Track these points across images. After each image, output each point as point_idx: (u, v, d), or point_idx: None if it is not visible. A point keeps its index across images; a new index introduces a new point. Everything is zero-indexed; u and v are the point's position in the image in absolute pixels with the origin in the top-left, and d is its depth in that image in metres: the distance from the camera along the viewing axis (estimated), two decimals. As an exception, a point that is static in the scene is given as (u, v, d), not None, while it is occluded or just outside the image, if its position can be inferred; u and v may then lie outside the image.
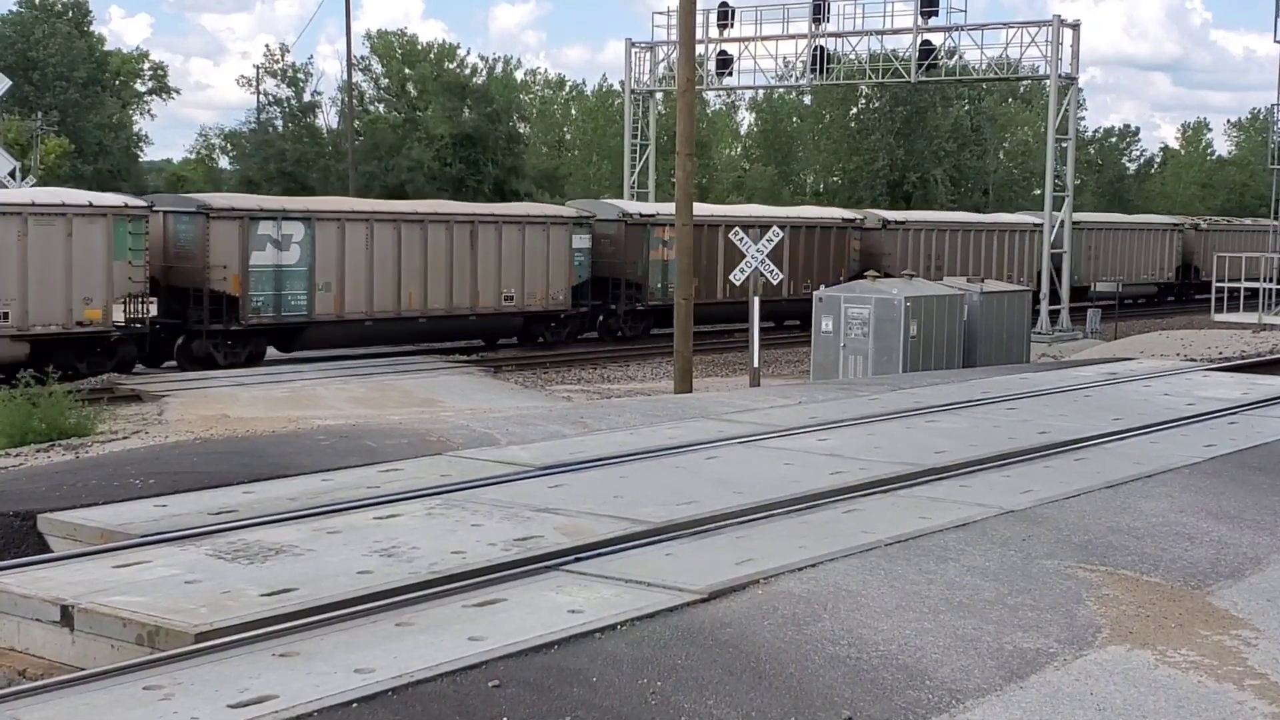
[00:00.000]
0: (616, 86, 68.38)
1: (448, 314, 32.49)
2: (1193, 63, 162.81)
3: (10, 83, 48.71)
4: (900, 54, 45.33)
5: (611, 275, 36.35)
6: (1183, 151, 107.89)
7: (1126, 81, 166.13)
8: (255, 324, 29.01)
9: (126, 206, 27.08)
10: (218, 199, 30.57)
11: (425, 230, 31.95)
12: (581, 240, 35.45)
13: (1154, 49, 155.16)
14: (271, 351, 30.22)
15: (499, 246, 33.25)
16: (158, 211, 28.55)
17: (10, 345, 25.12)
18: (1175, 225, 57.31)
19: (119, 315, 26.64)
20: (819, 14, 43.68)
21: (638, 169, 47.05)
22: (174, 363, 28.80)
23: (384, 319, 31.16)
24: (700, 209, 35.31)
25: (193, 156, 79.69)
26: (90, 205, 26.64)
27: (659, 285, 36.69)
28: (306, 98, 70.46)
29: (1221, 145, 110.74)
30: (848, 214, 43.66)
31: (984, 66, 43.39)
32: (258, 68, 70.10)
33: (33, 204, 25.93)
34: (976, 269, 40.60)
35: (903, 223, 43.79)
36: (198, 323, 28.60)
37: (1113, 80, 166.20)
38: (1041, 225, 46.65)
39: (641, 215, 37.00)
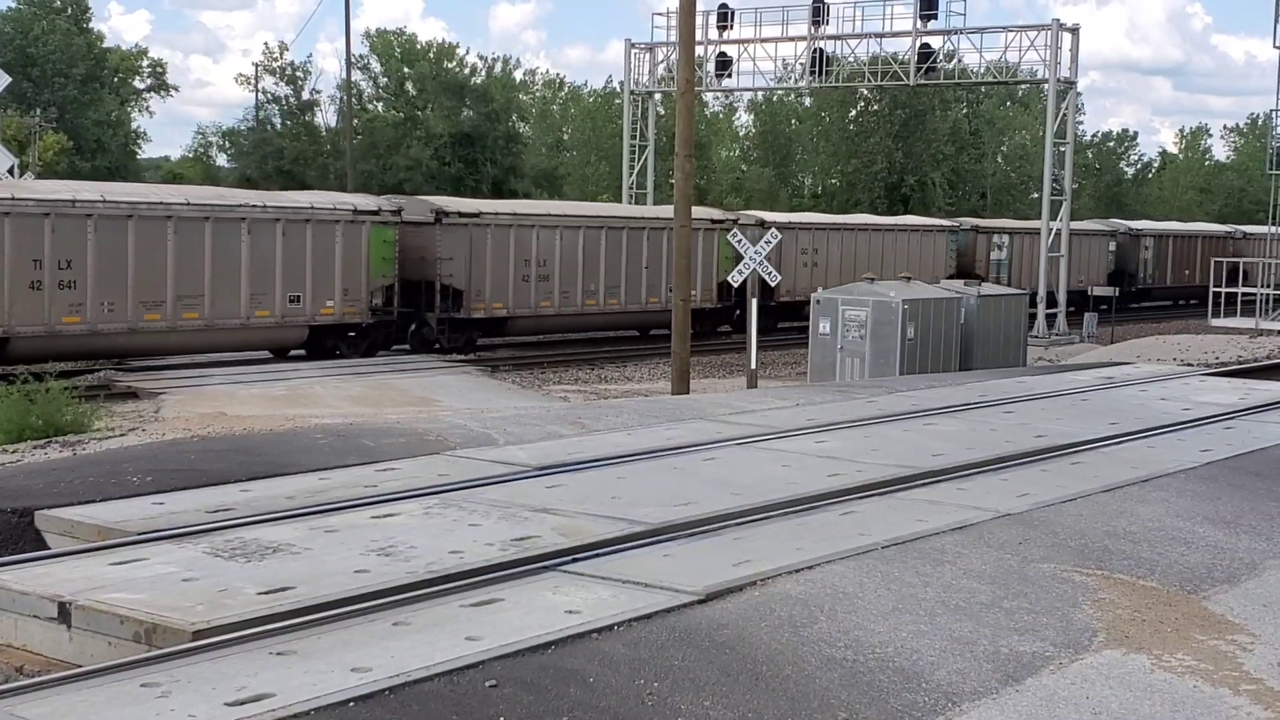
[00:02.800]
0: (616, 87, 68.37)
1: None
2: (1194, 67, 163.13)
3: (9, 79, 48.66)
4: (899, 57, 45.41)
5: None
6: (1180, 156, 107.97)
7: (1127, 86, 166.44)
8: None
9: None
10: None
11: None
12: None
13: (1155, 53, 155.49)
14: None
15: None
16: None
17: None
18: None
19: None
20: (818, 16, 43.72)
21: (636, 170, 47.07)
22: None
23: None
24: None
25: (190, 154, 79.70)
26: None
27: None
28: (305, 96, 70.51)
29: (1220, 150, 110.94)
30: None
31: (983, 70, 43.47)
32: (256, 66, 70.22)
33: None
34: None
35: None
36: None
37: (1113, 84, 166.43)
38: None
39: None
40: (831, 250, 42.42)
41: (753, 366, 23.69)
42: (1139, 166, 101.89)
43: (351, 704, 5.52)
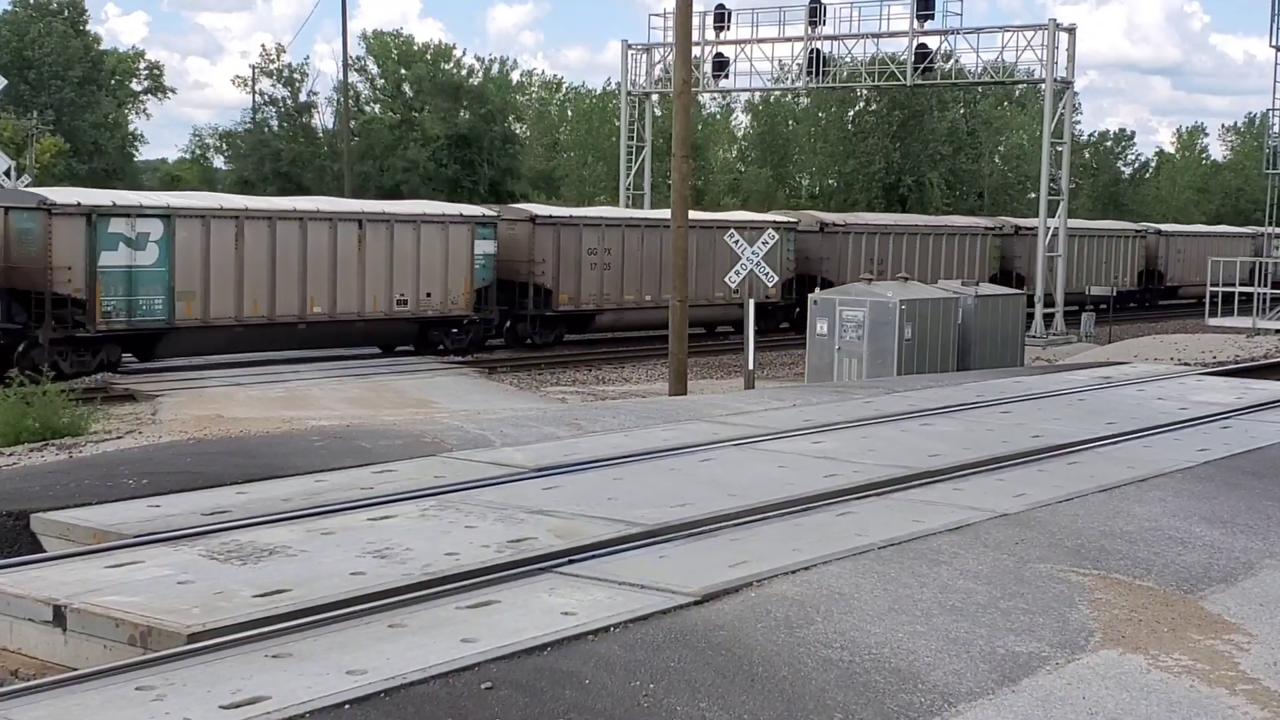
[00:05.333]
0: (613, 88, 68.36)
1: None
2: (1192, 66, 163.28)
3: (5, 81, 48.70)
4: (896, 57, 45.42)
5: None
6: (1178, 156, 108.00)
7: (1126, 85, 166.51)
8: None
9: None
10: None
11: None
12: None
13: (1154, 53, 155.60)
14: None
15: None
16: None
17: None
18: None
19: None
20: (815, 16, 43.74)
21: (633, 171, 47.06)
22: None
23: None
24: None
25: (187, 157, 79.65)
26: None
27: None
28: (302, 98, 70.48)
29: (1218, 150, 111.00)
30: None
31: (980, 70, 43.47)
32: (254, 68, 70.15)
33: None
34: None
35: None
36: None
37: (1112, 84, 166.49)
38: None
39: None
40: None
41: (750, 367, 23.69)
42: (1136, 166, 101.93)
43: (347, 706, 5.51)
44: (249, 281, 28.56)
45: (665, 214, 38.40)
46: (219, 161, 74.72)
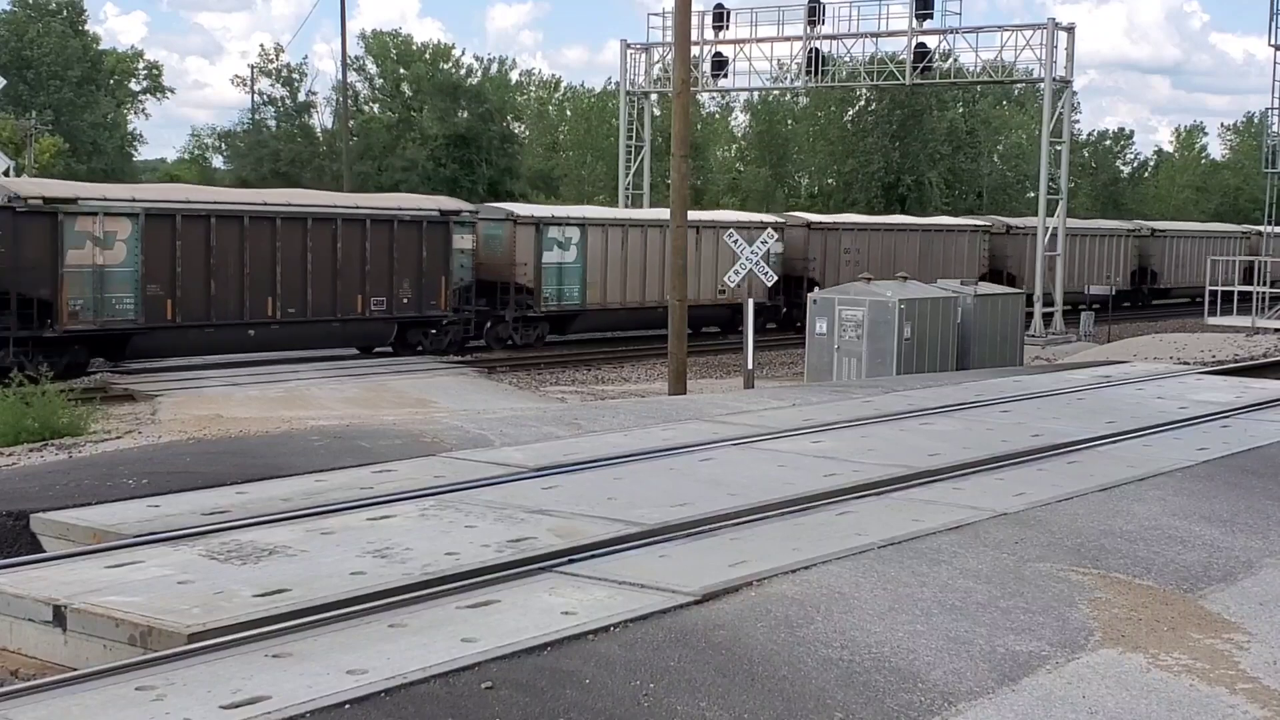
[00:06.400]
0: (612, 88, 68.37)
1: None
2: (1192, 66, 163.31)
3: (4, 81, 48.71)
4: (895, 56, 45.40)
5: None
6: (1176, 155, 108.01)
7: (1126, 84, 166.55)
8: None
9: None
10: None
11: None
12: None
13: (1153, 52, 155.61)
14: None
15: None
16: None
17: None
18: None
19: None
20: (814, 16, 43.72)
21: (632, 170, 47.06)
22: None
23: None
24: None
25: (186, 156, 79.66)
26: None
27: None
28: (301, 98, 70.49)
29: (1216, 149, 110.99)
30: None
31: (979, 69, 43.45)
32: (252, 68, 70.16)
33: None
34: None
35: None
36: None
37: (1111, 83, 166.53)
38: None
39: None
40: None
41: (749, 367, 23.69)
42: (1135, 165, 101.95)
43: (347, 706, 5.51)
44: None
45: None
46: (218, 161, 74.80)
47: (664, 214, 35.16)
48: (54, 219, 25.56)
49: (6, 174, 39.16)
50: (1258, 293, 35.29)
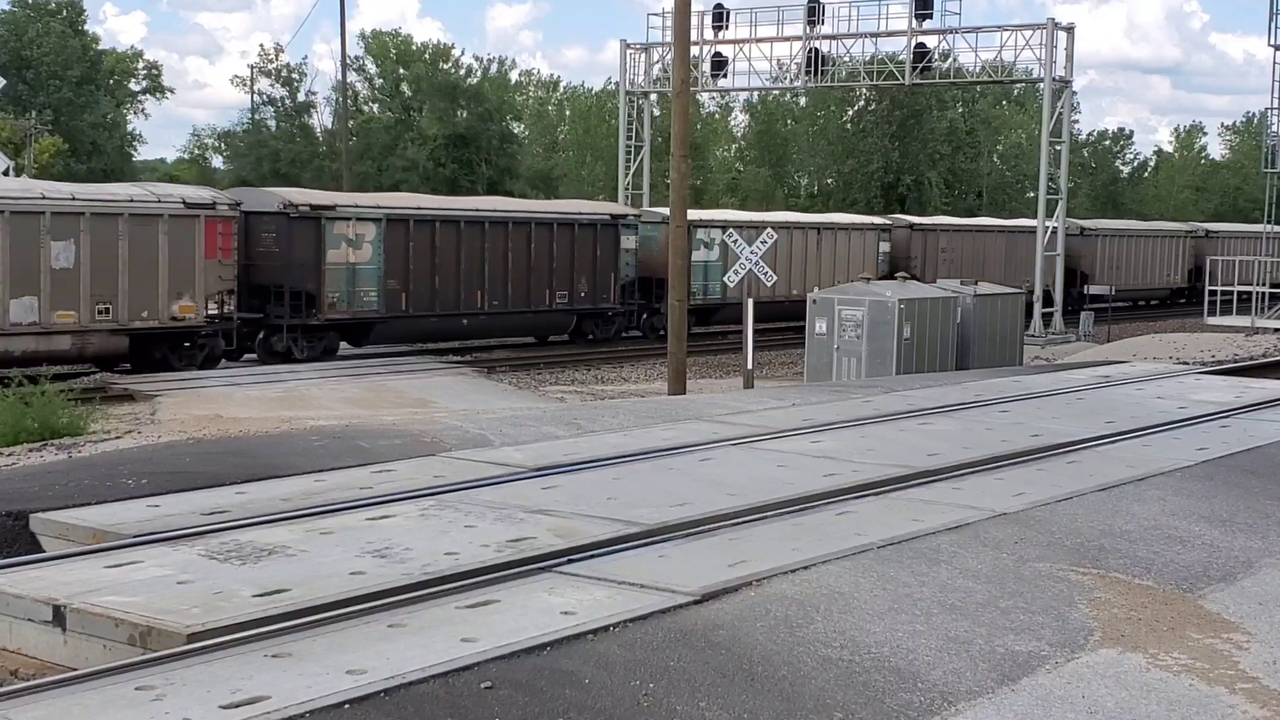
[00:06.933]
0: (612, 88, 68.36)
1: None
2: (1192, 66, 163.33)
3: (4, 81, 48.71)
4: (895, 56, 45.38)
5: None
6: (1176, 155, 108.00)
7: (1126, 84, 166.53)
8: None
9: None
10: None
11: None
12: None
13: (1153, 52, 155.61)
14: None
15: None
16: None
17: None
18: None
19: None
20: (813, 16, 43.70)
21: (632, 170, 47.05)
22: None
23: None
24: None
25: (186, 156, 79.65)
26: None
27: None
28: (301, 98, 70.47)
29: (1216, 149, 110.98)
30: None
31: (978, 69, 43.44)
32: (252, 68, 70.13)
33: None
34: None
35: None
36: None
37: (1111, 83, 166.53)
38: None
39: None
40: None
41: (749, 367, 23.69)
42: (1134, 165, 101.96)
43: (347, 706, 5.51)
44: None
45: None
46: (217, 161, 74.77)
47: (833, 217, 39.85)
48: (318, 223, 29.43)
49: (6, 174, 39.15)
50: (1257, 292, 35.29)
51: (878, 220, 46.44)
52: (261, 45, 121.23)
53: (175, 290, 26.72)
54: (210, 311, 27.35)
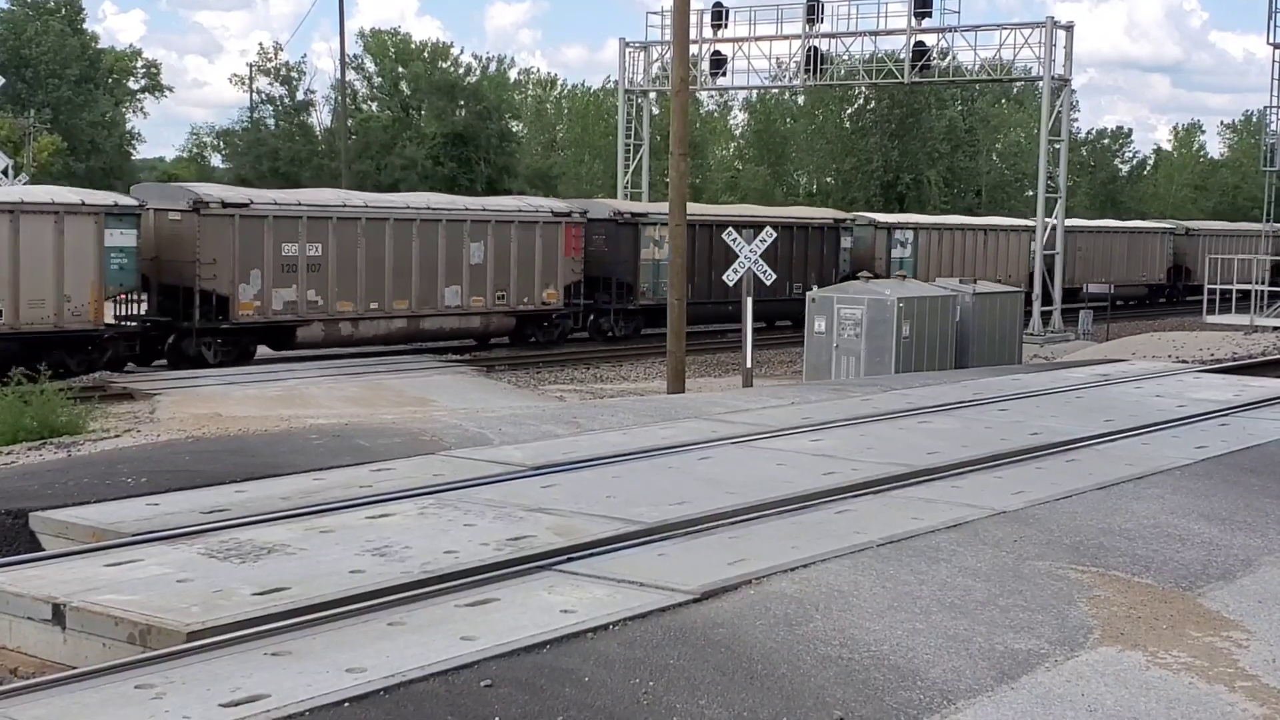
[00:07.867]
0: (611, 86, 68.37)
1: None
2: (1192, 64, 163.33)
3: (3, 80, 48.69)
4: (894, 55, 45.35)
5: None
6: (1175, 154, 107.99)
7: (1125, 83, 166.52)
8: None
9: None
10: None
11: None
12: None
13: (1153, 50, 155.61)
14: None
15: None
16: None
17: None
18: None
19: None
20: (813, 14, 43.69)
21: (631, 169, 47.04)
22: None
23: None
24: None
25: (185, 155, 79.64)
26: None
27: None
28: (300, 96, 70.47)
29: (1215, 147, 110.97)
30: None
31: (977, 68, 43.42)
32: (251, 66, 70.13)
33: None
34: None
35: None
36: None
37: (1111, 82, 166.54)
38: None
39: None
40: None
41: (748, 365, 23.68)
42: (1134, 164, 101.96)
43: (346, 704, 5.51)
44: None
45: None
46: (216, 160, 74.78)
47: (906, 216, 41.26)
48: (636, 228, 36.47)
49: (5, 173, 39.13)
50: (1255, 291, 35.29)
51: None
52: (260, 44, 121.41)
53: (545, 281, 34.01)
54: (566, 298, 34.62)
